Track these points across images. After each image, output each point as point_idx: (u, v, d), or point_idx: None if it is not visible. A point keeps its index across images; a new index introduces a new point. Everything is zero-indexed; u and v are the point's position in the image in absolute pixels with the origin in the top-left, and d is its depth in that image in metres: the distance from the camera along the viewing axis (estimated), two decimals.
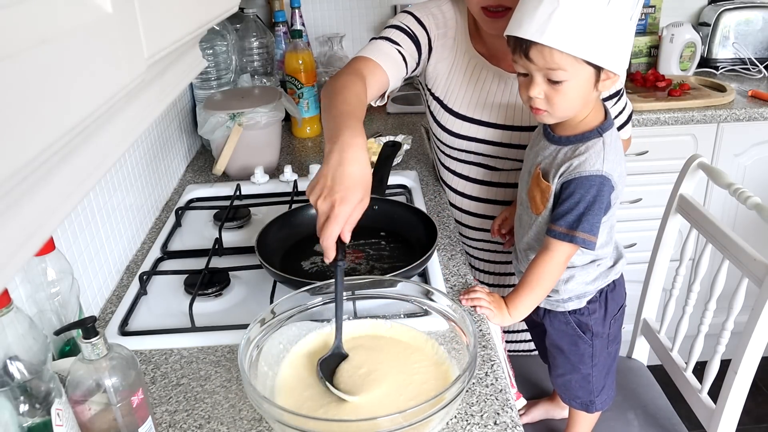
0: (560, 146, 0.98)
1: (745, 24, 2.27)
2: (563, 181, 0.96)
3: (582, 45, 0.85)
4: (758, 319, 1.05)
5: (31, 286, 0.82)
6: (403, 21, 1.19)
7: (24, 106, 0.28)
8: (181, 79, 0.58)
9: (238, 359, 0.77)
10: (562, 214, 0.95)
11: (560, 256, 0.97)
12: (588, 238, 0.95)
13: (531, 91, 0.92)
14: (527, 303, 1.01)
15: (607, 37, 0.87)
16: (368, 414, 0.75)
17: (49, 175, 0.33)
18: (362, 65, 1.09)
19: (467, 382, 0.74)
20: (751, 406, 1.78)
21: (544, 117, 0.96)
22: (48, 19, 0.30)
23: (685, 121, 1.93)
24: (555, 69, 0.88)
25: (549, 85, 0.90)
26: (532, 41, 0.86)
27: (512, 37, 0.90)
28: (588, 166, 0.93)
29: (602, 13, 0.85)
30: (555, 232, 0.96)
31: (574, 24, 0.84)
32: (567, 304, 1.08)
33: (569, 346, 1.12)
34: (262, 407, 0.71)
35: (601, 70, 0.90)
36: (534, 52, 0.88)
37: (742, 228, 2.04)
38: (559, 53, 0.86)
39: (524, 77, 0.94)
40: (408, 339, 0.90)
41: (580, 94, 0.92)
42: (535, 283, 0.99)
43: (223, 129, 1.49)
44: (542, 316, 1.12)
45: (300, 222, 1.20)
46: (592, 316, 1.09)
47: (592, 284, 1.07)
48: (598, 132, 0.96)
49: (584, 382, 1.14)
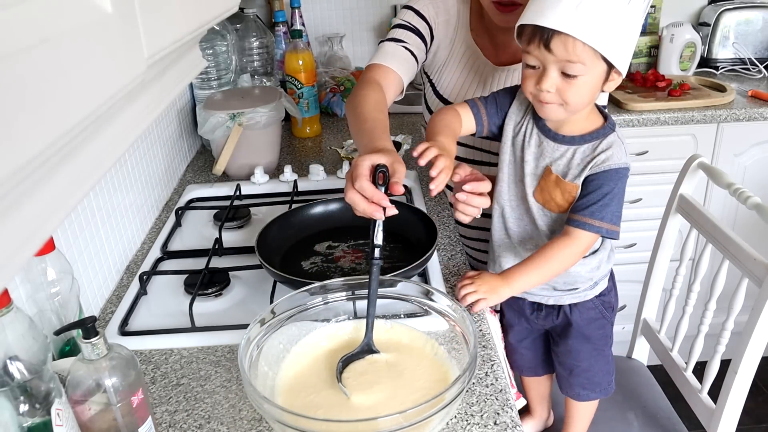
0: (574, 146, 0.97)
1: (745, 24, 2.27)
2: (588, 174, 0.95)
3: (604, 40, 0.85)
4: (758, 319, 1.05)
5: (31, 286, 0.82)
6: (404, 18, 1.24)
7: (24, 106, 0.28)
8: (181, 79, 0.58)
9: (238, 359, 0.77)
10: (588, 206, 0.95)
11: (582, 245, 0.97)
12: (613, 229, 0.96)
13: (543, 84, 0.90)
14: (529, 279, 0.99)
15: (623, 36, 0.87)
16: (368, 414, 0.75)
17: (49, 175, 0.33)
18: (375, 73, 1.16)
19: (467, 383, 0.73)
20: (751, 406, 1.77)
21: (551, 110, 0.93)
22: (48, 19, 0.30)
23: (685, 121, 1.93)
24: (574, 62, 0.87)
25: (562, 78, 0.89)
26: (555, 30, 0.85)
27: (531, 26, 0.88)
28: (616, 159, 0.94)
29: (623, 10, 0.85)
30: (581, 222, 0.95)
31: (599, 17, 0.84)
32: (595, 289, 1.09)
33: (596, 330, 1.13)
34: (262, 407, 0.71)
35: (611, 70, 0.90)
36: (556, 42, 0.86)
37: (742, 228, 2.04)
38: (582, 45, 0.85)
39: (533, 69, 0.92)
40: (408, 339, 0.90)
41: (591, 90, 0.91)
42: (545, 263, 0.97)
43: (223, 129, 1.49)
44: (570, 313, 1.11)
45: (300, 222, 1.20)
46: (611, 293, 1.12)
47: (608, 262, 1.09)
48: (611, 127, 0.97)
49: (605, 363, 1.17)
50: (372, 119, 1.01)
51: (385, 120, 1.03)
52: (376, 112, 1.03)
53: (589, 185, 0.95)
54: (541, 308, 1.12)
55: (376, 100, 1.06)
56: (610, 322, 1.14)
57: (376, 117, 1.02)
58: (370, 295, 0.86)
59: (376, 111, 1.03)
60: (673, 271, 1.36)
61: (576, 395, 1.18)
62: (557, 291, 1.09)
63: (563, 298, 1.10)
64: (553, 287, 1.09)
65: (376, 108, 1.04)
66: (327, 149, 1.77)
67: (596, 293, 1.10)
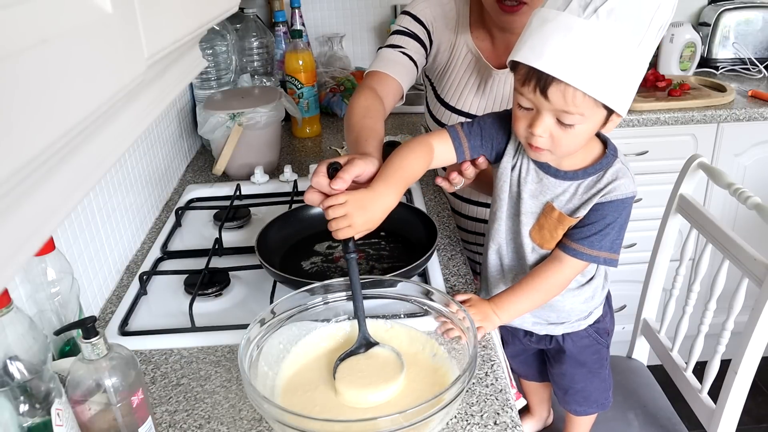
0: (577, 180, 0.90)
1: (745, 24, 2.27)
2: (591, 205, 0.89)
3: (607, 89, 0.76)
4: (758, 319, 1.05)
5: (31, 286, 0.82)
6: (401, 24, 1.23)
7: (24, 106, 0.28)
8: (181, 79, 0.58)
9: (239, 359, 0.77)
10: (588, 235, 0.89)
11: (572, 272, 0.93)
12: (611, 257, 0.90)
13: (536, 128, 0.81)
14: (519, 306, 0.94)
15: (628, 81, 0.78)
16: (365, 414, 0.75)
17: (49, 175, 0.33)
18: (372, 80, 1.14)
19: (467, 383, 0.74)
20: (751, 406, 1.78)
21: (542, 155, 0.86)
22: (48, 19, 0.30)
23: (685, 121, 1.93)
24: (572, 113, 0.78)
25: (558, 125, 0.80)
26: (553, 77, 0.75)
27: (526, 66, 0.78)
28: (624, 189, 0.87)
29: (632, 54, 0.76)
30: (577, 252, 0.90)
31: (604, 65, 0.74)
32: (589, 318, 1.06)
33: (591, 356, 1.10)
34: (262, 407, 0.71)
35: (611, 113, 0.82)
36: (554, 90, 0.76)
37: (742, 228, 2.04)
38: (583, 96, 0.76)
39: (526, 111, 0.83)
40: (408, 339, 0.90)
41: (587, 136, 0.84)
42: (534, 290, 0.93)
43: (223, 129, 1.49)
44: (563, 342, 1.07)
45: (300, 222, 1.20)
46: (606, 318, 1.09)
47: (604, 290, 1.06)
48: (613, 155, 0.89)
49: (601, 382, 1.14)
50: (359, 128, 1.00)
51: (373, 125, 1.01)
52: (365, 119, 1.02)
53: (592, 215, 0.89)
54: (533, 334, 1.09)
55: (366, 107, 1.05)
56: (605, 345, 1.10)
57: (363, 125, 1.00)
58: (354, 290, 0.86)
59: (365, 118, 1.02)
60: (673, 271, 1.36)
61: (573, 411, 1.18)
62: (550, 325, 1.06)
63: (555, 330, 1.06)
64: (546, 320, 1.05)
65: (366, 115, 1.03)
66: (327, 149, 1.77)
67: (590, 322, 1.06)
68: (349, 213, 0.81)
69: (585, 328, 1.06)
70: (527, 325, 1.07)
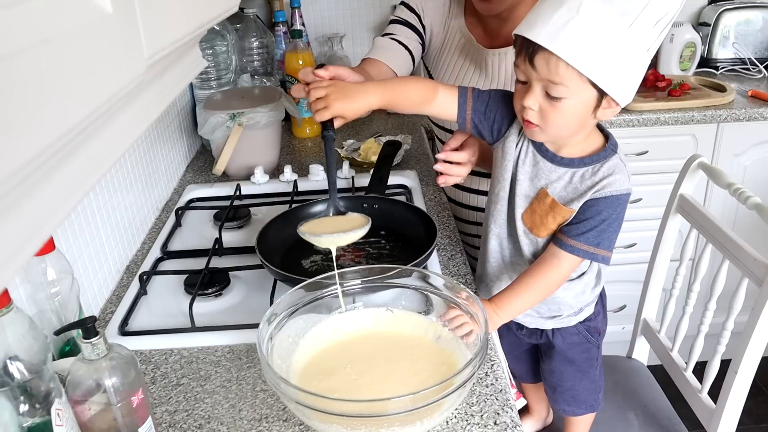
0: (573, 168, 0.91)
1: (745, 24, 2.26)
2: (587, 199, 0.90)
3: (591, 63, 0.79)
4: (758, 319, 1.05)
5: (31, 286, 0.82)
6: (396, 13, 1.33)
7: (24, 106, 0.28)
8: (181, 79, 0.58)
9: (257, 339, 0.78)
10: (583, 231, 0.90)
11: (569, 268, 0.93)
12: (606, 254, 0.92)
13: (526, 101, 0.85)
14: (519, 305, 0.95)
15: (619, 62, 0.80)
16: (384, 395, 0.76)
17: (49, 175, 0.33)
18: (365, 66, 1.22)
19: (478, 367, 0.74)
20: (751, 406, 1.77)
21: (534, 132, 0.89)
22: (48, 19, 0.30)
23: (685, 121, 1.93)
24: (557, 83, 0.81)
25: (546, 99, 0.84)
26: (539, 46, 0.80)
27: (520, 37, 0.83)
28: (619, 185, 0.89)
29: (621, 35, 0.78)
30: (573, 248, 0.90)
31: (589, 39, 0.78)
32: (579, 315, 1.06)
33: (580, 354, 1.10)
34: (279, 387, 0.72)
35: (604, 96, 0.83)
36: (539, 59, 0.81)
37: (742, 228, 2.04)
38: (565, 66, 0.79)
39: (522, 85, 0.87)
40: (410, 325, 0.91)
41: (576, 115, 0.85)
42: (533, 287, 0.93)
43: (223, 129, 1.49)
44: (552, 337, 1.08)
45: (300, 221, 1.19)
46: (598, 317, 1.09)
47: (597, 287, 1.05)
48: (612, 149, 0.91)
49: (590, 383, 1.14)
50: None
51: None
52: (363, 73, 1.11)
53: (588, 210, 0.90)
54: (524, 327, 1.10)
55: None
56: (596, 345, 1.10)
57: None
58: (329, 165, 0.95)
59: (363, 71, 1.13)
60: (673, 271, 1.36)
61: (561, 411, 1.18)
62: (541, 318, 1.06)
63: (545, 323, 1.07)
64: (537, 312, 1.05)
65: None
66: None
67: (580, 319, 1.06)
68: (329, 94, 0.89)
69: (575, 324, 1.07)
70: (519, 317, 1.07)
